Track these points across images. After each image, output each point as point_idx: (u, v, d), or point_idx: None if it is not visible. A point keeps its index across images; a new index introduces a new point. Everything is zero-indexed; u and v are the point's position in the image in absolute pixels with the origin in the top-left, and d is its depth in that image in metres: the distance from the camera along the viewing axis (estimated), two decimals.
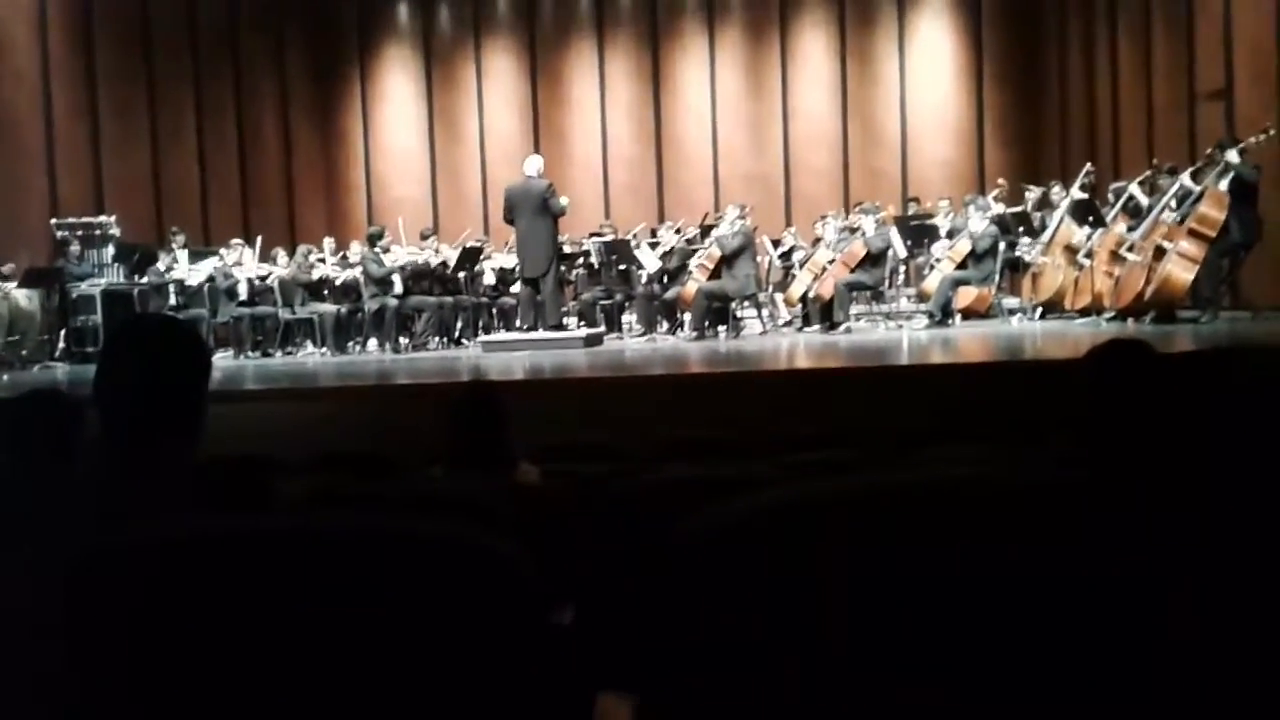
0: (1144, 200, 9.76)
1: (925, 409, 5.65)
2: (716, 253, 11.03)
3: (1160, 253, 8.92)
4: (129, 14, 13.91)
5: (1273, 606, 1.24)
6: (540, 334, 10.17)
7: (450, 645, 1.20)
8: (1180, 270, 8.65)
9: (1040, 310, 10.76)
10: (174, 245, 12.03)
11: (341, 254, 12.32)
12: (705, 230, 12.18)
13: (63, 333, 11.45)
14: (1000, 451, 3.18)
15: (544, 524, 2.54)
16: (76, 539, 1.22)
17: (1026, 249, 11.02)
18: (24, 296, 10.95)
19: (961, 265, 11.07)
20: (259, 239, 12.36)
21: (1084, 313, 10.02)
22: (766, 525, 1.39)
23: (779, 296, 12.53)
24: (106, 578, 1.18)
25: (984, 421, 4.47)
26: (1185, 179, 9.17)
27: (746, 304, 11.40)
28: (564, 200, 10.49)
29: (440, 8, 17.62)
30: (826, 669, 1.28)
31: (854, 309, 11.52)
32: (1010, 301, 11.47)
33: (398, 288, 11.25)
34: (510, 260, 12.12)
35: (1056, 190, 11.42)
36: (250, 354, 11.28)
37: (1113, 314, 9.49)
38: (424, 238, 12.42)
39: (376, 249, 11.43)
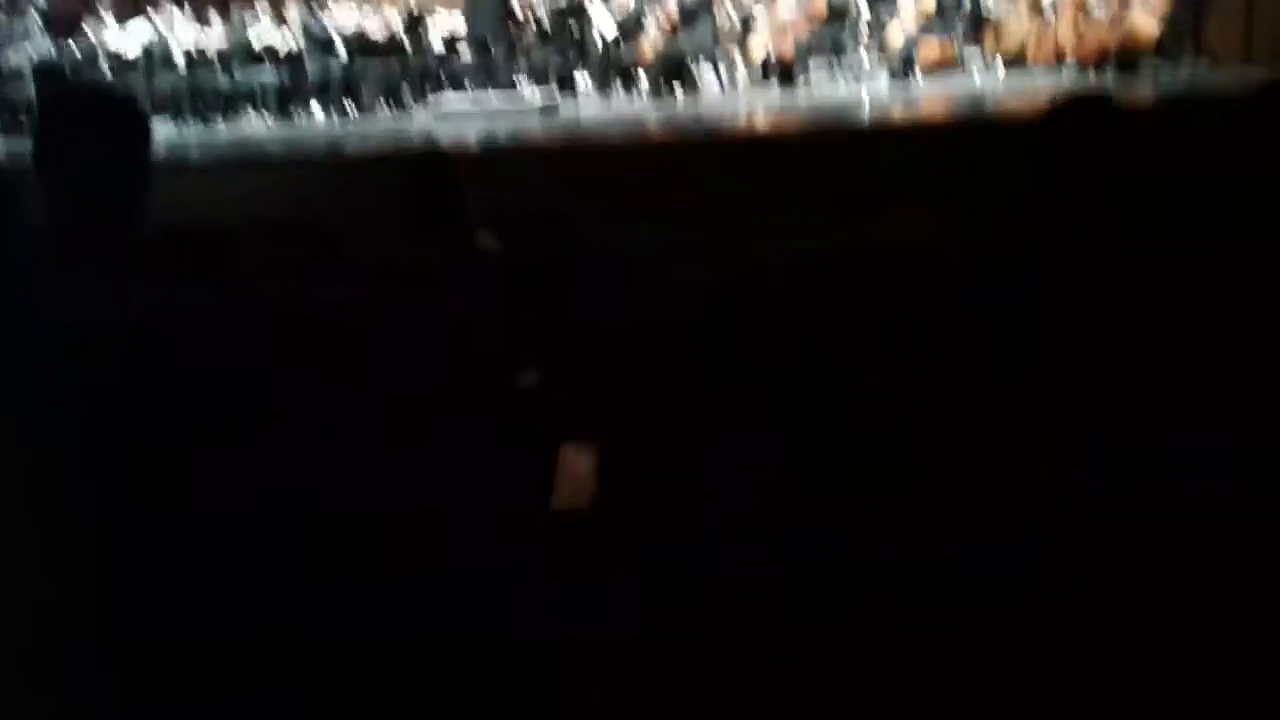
0: None
1: (885, 170, 5.62)
2: (673, 10, 10.65)
3: (1125, 3, 8.74)
4: None
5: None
6: (494, 98, 9.89)
7: (410, 409, 1.21)
8: (1146, 21, 8.50)
9: (1003, 63, 10.55)
10: (100, 7, 11.39)
11: (279, 17, 11.74)
12: None
13: None
14: (957, 215, 3.19)
15: (503, 289, 2.54)
16: (34, 318, 1.21)
17: (988, 1, 10.72)
18: None
19: (926, 20, 10.77)
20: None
21: (1048, 65, 9.85)
22: (727, 285, 1.39)
23: (738, 54, 12.18)
24: (69, 358, 1.16)
25: (943, 184, 4.45)
26: None
27: (705, 62, 11.09)
28: None
29: None
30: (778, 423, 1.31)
31: (814, 65, 11.24)
32: (973, 55, 11.23)
33: (341, 53, 10.82)
34: (458, 22, 11.63)
35: None
36: (191, 123, 10.91)
37: (1077, 66, 9.36)
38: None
39: (317, 10, 10.92)
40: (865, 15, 11.38)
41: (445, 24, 11.91)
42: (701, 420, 1.28)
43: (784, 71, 10.78)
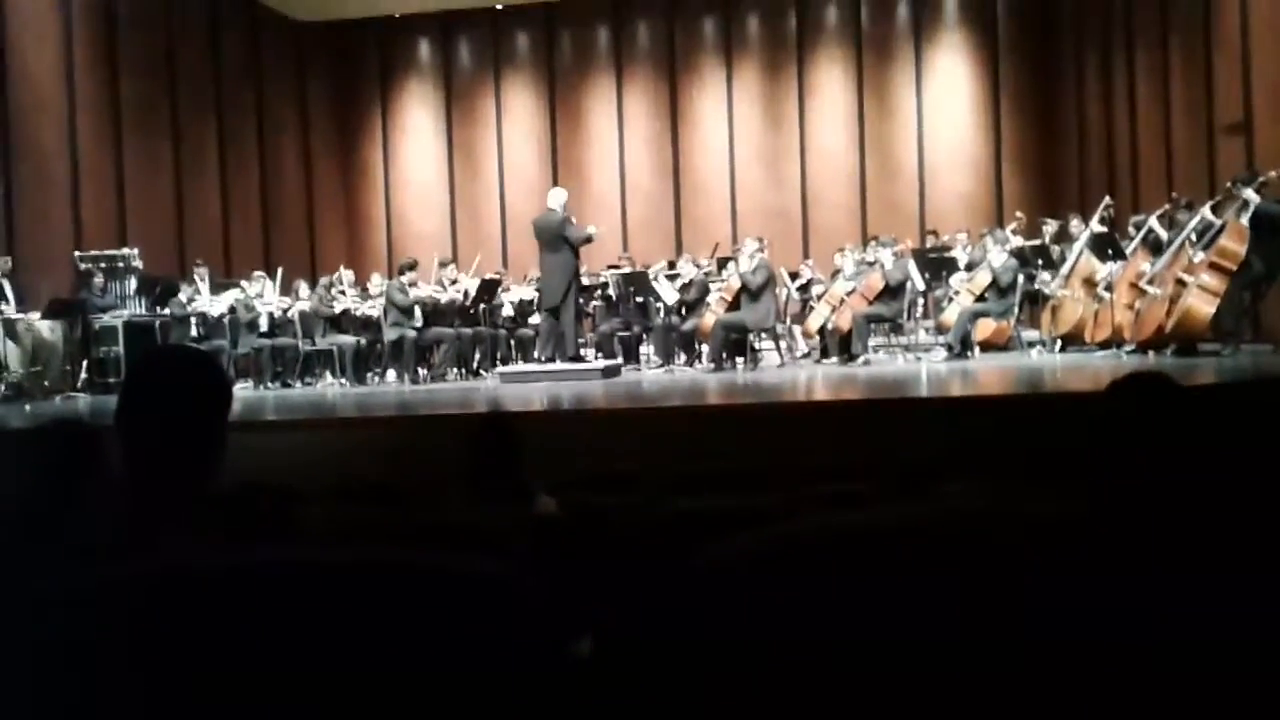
0: (1163, 234, 9.73)
1: (943, 441, 5.62)
2: (735, 285, 11.04)
3: (1181, 286, 8.88)
4: (153, 46, 14.11)
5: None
6: (558, 365, 10.20)
7: (467, 677, 1.20)
8: (1201, 303, 8.60)
9: (1060, 343, 10.72)
10: (196, 277, 12.13)
11: (362, 286, 12.40)
12: (721, 263, 12.20)
13: (85, 363, 11.52)
14: (1016, 486, 3.17)
15: (562, 555, 2.54)
16: (96, 569, 1.23)
17: (1045, 282, 10.99)
18: (47, 327, 11.05)
19: (980, 298, 11.05)
20: (280, 270, 12.47)
21: (1104, 345, 9.97)
22: (785, 556, 1.38)
23: (797, 329, 12.52)
24: (124, 609, 1.18)
25: (1003, 455, 4.44)
26: (1206, 211, 9.15)
27: (764, 336, 11.40)
28: (590, 229, 10.58)
29: (461, 43, 17.80)
30: (840, 698, 1.27)
31: (872, 341, 11.50)
32: (1029, 334, 11.43)
33: (418, 320, 11.31)
34: (528, 292, 12.20)
35: (1075, 223, 11.40)
36: (270, 385, 11.34)
37: (1133, 347, 9.45)
38: (443, 265, 12.48)
39: (404, 279, 11.49)
40: (921, 294, 11.71)
41: (521, 291, 12.49)
42: (758, 699, 1.25)
43: (842, 346, 11.02)
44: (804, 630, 1.28)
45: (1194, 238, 9.10)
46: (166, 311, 11.90)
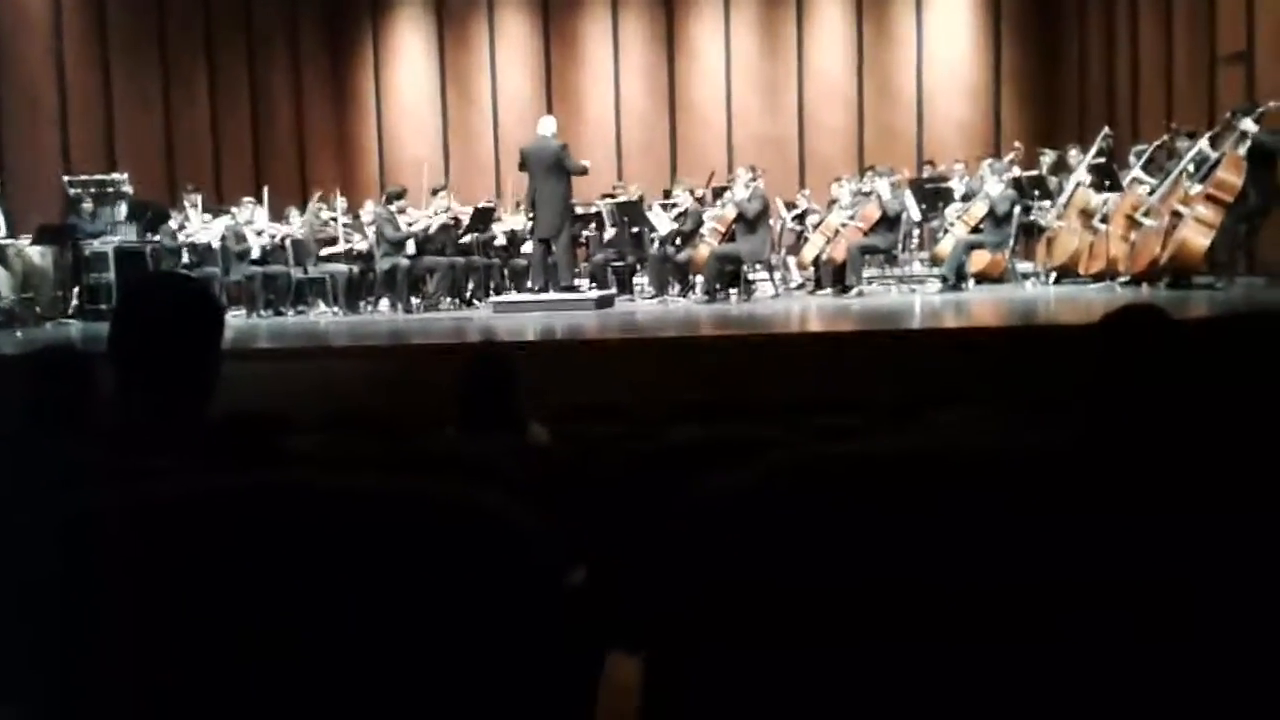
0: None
1: (937, 373, 5.64)
2: (729, 215, 10.97)
3: (1177, 218, 8.85)
4: None
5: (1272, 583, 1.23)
6: (552, 295, 10.17)
7: (458, 607, 1.21)
8: (1197, 235, 8.59)
9: (1055, 275, 10.71)
10: (188, 204, 12.02)
11: (354, 213, 12.32)
12: (716, 192, 12.12)
13: (76, 290, 11.48)
14: (1010, 416, 3.18)
15: (554, 485, 2.55)
16: (87, 497, 1.23)
17: (1041, 213, 10.95)
18: (37, 253, 10.98)
19: (976, 229, 11.01)
20: (265, 194, 12.36)
21: (1098, 278, 9.96)
22: (777, 488, 1.39)
23: (791, 259, 12.49)
24: (112, 535, 1.18)
25: (996, 386, 4.46)
26: (1203, 144, 9.08)
27: (759, 267, 11.36)
28: (585, 161, 10.48)
29: None
30: (833, 633, 1.28)
31: (867, 272, 11.47)
32: (1024, 266, 11.42)
33: (410, 249, 11.25)
34: (521, 221, 12.11)
35: (1074, 153, 11.33)
36: (263, 313, 11.31)
37: (1128, 279, 9.44)
38: (434, 193, 12.38)
39: (393, 208, 11.40)
40: (916, 221, 11.67)
41: (513, 219, 12.41)
42: (756, 631, 1.26)
43: (837, 277, 11.00)
44: (797, 564, 1.29)
45: (1191, 169, 9.06)
46: (157, 238, 11.82)
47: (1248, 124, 8.65)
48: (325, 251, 11.83)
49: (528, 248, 11.52)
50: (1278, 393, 1.59)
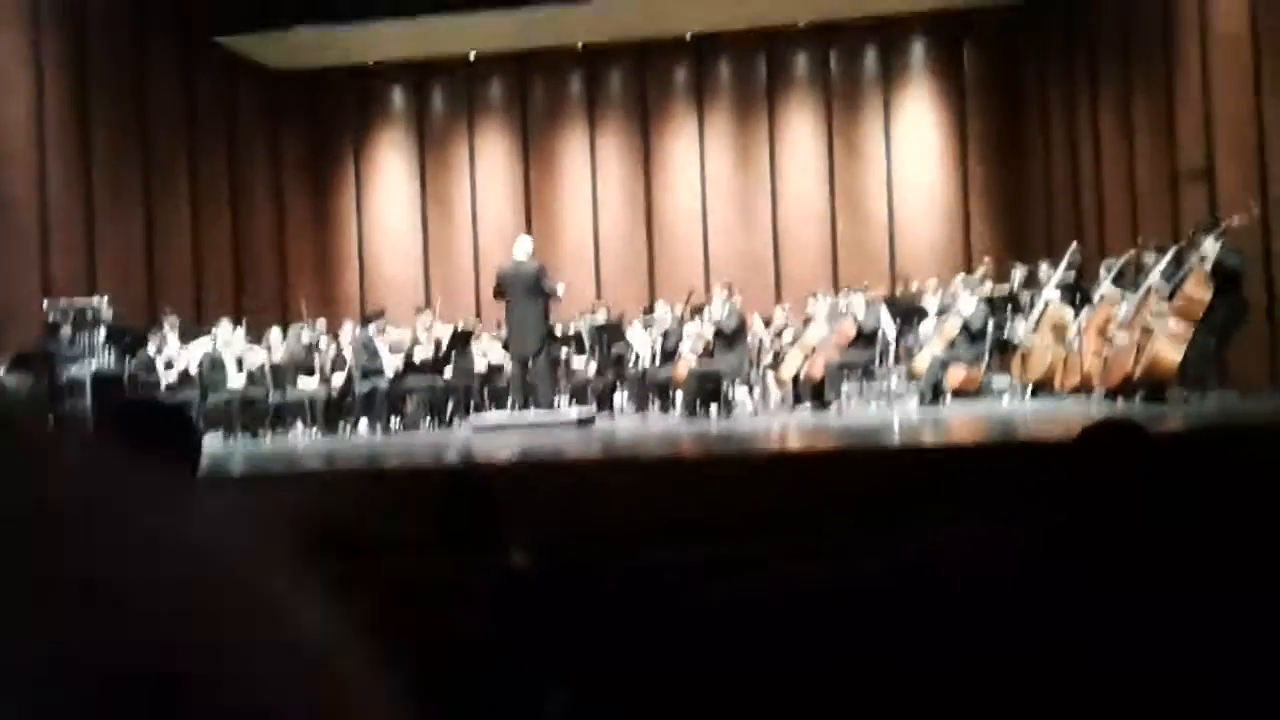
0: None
1: (917, 490, 5.63)
2: (708, 333, 11.07)
3: (1148, 332, 8.97)
4: (125, 94, 14.07)
5: (1262, 676, 1.23)
6: (531, 415, 10.16)
7: None
8: (1168, 350, 8.70)
9: (1030, 390, 10.80)
10: (166, 326, 12.04)
11: (333, 334, 12.36)
12: (695, 310, 12.24)
13: (52, 418, 11.38)
14: (993, 532, 3.17)
15: (535, 609, 2.51)
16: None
17: (1014, 329, 11.09)
18: (14, 382, 10.92)
19: (951, 345, 11.13)
20: (244, 321, 12.41)
21: (1074, 392, 10.05)
22: (759, 608, 1.38)
23: (770, 375, 12.57)
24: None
25: (977, 502, 4.45)
26: (1160, 269, 9.25)
27: (738, 383, 11.42)
28: (560, 286, 10.57)
29: (434, 89, 17.90)
30: None
31: (845, 388, 11.54)
32: (1000, 381, 11.51)
33: (390, 372, 11.27)
34: (498, 350, 12.18)
35: (1044, 268, 11.54)
36: (240, 435, 11.24)
37: (1103, 393, 9.52)
38: (418, 312, 12.46)
39: (371, 331, 11.45)
40: (893, 341, 11.79)
41: (490, 347, 12.47)
42: None
43: (815, 393, 11.06)
44: (778, 679, 1.28)
45: (1159, 284, 9.21)
46: (135, 362, 11.78)
47: (1208, 245, 8.82)
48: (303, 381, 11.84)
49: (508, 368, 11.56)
50: (1256, 502, 1.60)
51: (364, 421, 11.50)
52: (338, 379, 11.69)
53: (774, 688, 1.32)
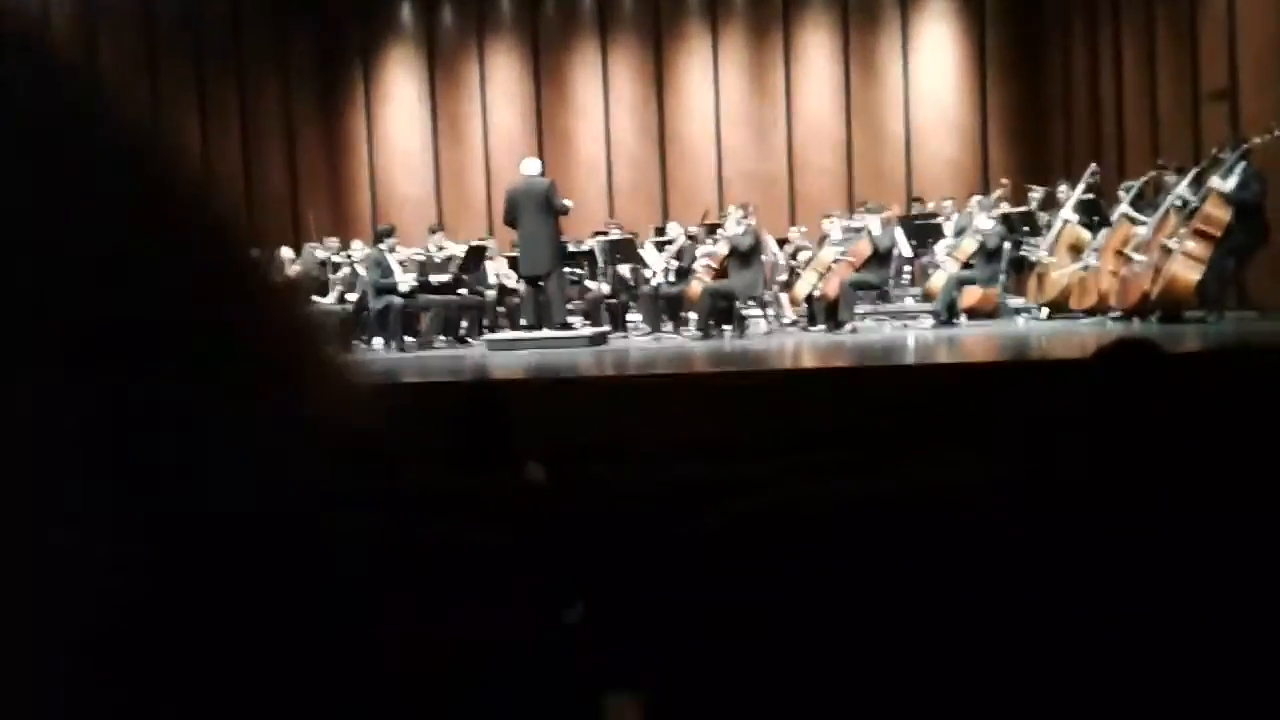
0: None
1: (931, 408, 5.64)
2: (722, 252, 11.02)
3: (1166, 253, 8.91)
4: (131, 14, 13.93)
5: (1271, 605, 1.23)
6: (545, 333, 10.18)
7: (456, 643, 1.20)
8: (1186, 270, 8.64)
9: (1046, 310, 10.76)
10: None
11: (345, 252, 12.34)
12: (709, 229, 12.17)
13: None
14: (1003, 453, 3.18)
15: (550, 523, 2.54)
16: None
17: (1031, 249, 11.01)
18: None
19: (966, 265, 11.06)
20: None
21: (1090, 312, 10.01)
22: (768, 525, 1.39)
23: (784, 295, 12.52)
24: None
25: (990, 422, 4.46)
26: (1191, 178, 9.17)
27: (751, 303, 11.40)
28: (568, 201, 10.52)
29: (444, 7, 17.64)
30: (819, 665, 1.28)
31: (859, 308, 11.50)
32: (1015, 301, 11.46)
33: (403, 287, 11.27)
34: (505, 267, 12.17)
35: (1063, 189, 11.41)
36: None
37: (1118, 314, 9.48)
38: (431, 232, 12.43)
39: (383, 247, 11.43)
40: (907, 257, 11.73)
41: (503, 266, 12.44)
42: (749, 665, 1.26)
43: (829, 313, 11.03)
44: (785, 599, 1.29)
45: (1179, 204, 9.13)
46: None
47: (1216, 181, 8.72)
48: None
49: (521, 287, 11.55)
50: (1269, 423, 1.59)
51: (378, 339, 11.54)
52: (351, 298, 11.69)
53: (780, 605, 1.33)
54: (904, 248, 11.21)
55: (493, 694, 1.21)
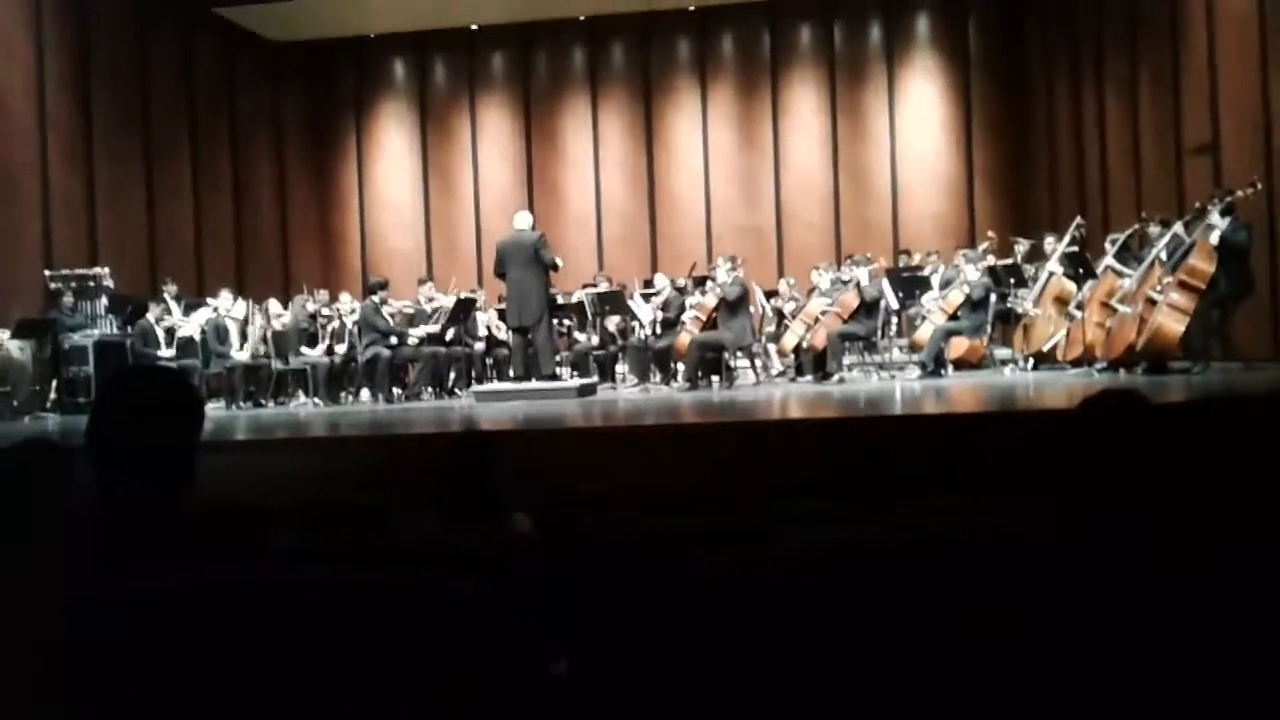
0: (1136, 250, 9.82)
1: (918, 459, 5.64)
2: (710, 303, 11.06)
3: (1151, 304, 8.96)
4: (126, 65, 14.03)
5: (1263, 650, 1.23)
6: (533, 384, 10.18)
7: (443, 698, 1.20)
8: (1171, 321, 8.69)
9: (1032, 361, 10.80)
10: (165, 295, 12.06)
11: (334, 304, 12.35)
12: (697, 281, 12.23)
13: (54, 383, 11.41)
14: (991, 503, 3.18)
15: (538, 575, 2.53)
16: (72, 590, 1.22)
17: (1018, 300, 11.08)
18: (16, 347, 10.94)
19: (953, 316, 11.12)
20: (247, 298, 12.41)
21: (1076, 364, 10.05)
22: (760, 575, 1.39)
23: (772, 347, 12.56)
24: (102, 629, 1.17)
25: (977, 472, 4.46)
26: (1178, 229, 9.25)
27: (740, 354, 11.42)
28: (559, 260, 10.61)
29: (436, 62, 17.82)
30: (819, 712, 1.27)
31: (847, 359, 11.54)
32: (1002, 352, 11.51)
33: (394, 340, 11.28)
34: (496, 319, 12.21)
35: (1049, 241, 11.50)
36: (242, 404, 11.25)
37: (1104, 365, 9.52)
38: (421, 284, 12.47)
39: (376, 299, 11.44)
40: (894, 309, 11.78)
41: (493, 318, 12.47)
42: (743, 714, 1.25)
43: (817, 364, 11.06)
44: (778, 647, 1.29)
45: (1164, 256, 9.20)
46: (136, 330, 11.79)
47: (1216, 218, 8.81)
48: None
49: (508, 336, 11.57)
50: (1255, 473, 1.60)
51: (366, 390, 11.52)
52: (340, 349, 11.69)
53: (774, 658, 1.33)
54: (891, 299, 11.26)
55: None
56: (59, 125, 12.86)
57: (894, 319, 12.23)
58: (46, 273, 12.23)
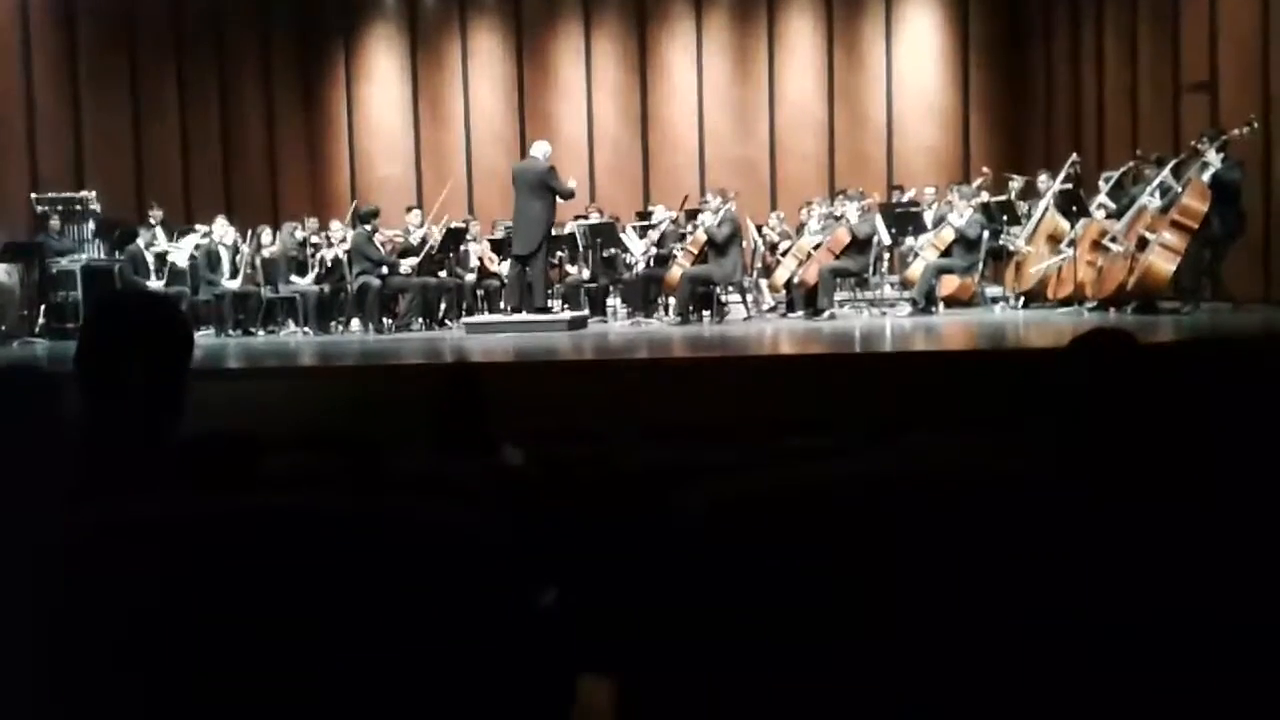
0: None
1: (907, 396, 5.66)
2: (701, 238, 11.02)
3: (1143, 243, 8.95)
4: None
5: (1258, 587, 1.24)
6: (524, 316, 10.17)
7: (430, 624, 1.20)
8: (1162, 261, 8.68)
9: (1023, 299, 10.80)
10: (151, 220, 11.96)
11: (323, 232, 12.27)
12: (690, 214, 12.16)
13: (42, 308, 11.36)
14: (980, 439, 3.19)
15: (526, 506, 2.54)
16: (59, 517, 1.22)
17: (1010, 238, 11.05)
18: (3, 271, 10.87)
19: (945, 253, 11.09)
20: (236, 227, 12.30)
21: (1066, 302, 10.06)
22: (756, 508, 1.39)
23: (763, 282, 12.54)
24: (94, 556, 1.17)
25: (966, 409, 4.48)
26: (1169, 171, 9.21)
27: (731, 289, 11.40)
28: (571, 183, 10.60)
29: None
30: (807, 651, 1.28)
31: (838, 295, 11.53)
32: (993, 290, 11.51)
33: (383, 270, 11.23)
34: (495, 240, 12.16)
35: (1042, 179, 11.45)
36: (232, 332, 11.23)
37: (1095, 304, 9.53)
38: (409, 210, 12.39)
39: (368, 228, 11.37)
40: (886, 245, 11.75)
41: (484, 247, 12.41)
42: (726, 651, 1.26)
43: (808, 300, 11.05)
44: (765, 582, 1.29)
45: (1157, 195, 9.17)
46: (124, 256, 11.72)
47: (1211, 155, 8.78)
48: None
49: (503, 267, 11.54)
50: (1242, 413, 1.61)
51: (356, 320, 11.49)
52: (330, 277, 11.64)
53: (761, 591, 1.34)
54: (883, 235, 11.23)
55: (464, 675, 1.21)
56: (43, 48, 12.66)
57: (886, 255, 12.21)
58: (33, 196, 12.11)
